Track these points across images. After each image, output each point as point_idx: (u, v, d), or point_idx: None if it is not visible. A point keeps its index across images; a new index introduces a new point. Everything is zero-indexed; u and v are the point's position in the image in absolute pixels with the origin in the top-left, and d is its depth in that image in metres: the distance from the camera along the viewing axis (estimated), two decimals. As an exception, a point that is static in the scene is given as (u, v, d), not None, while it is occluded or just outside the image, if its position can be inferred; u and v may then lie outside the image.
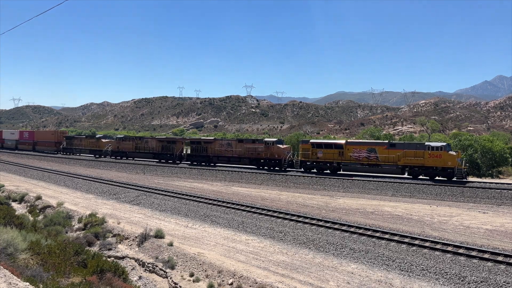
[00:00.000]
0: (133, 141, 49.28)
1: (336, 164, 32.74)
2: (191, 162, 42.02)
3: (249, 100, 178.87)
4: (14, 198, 26.70)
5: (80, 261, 11.55)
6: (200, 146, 41.69)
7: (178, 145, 44.34)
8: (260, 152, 37.06)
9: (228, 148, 39.50)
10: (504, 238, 15.90)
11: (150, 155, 46.43)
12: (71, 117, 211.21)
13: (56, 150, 63.32)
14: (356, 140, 42.21)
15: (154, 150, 46.01)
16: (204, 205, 23.21)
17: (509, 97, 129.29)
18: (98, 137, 56.65)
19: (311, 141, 35.58)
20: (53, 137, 65.63)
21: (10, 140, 77.14)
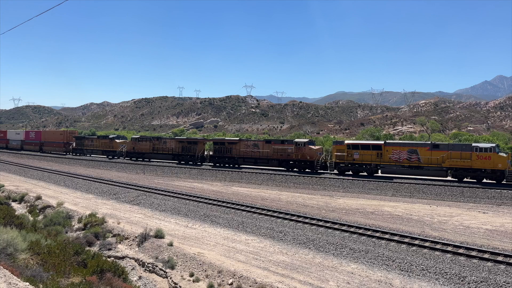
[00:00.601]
0: (150, 142, 47.41)
1: (374, 166, 31.49)
2: (214, 163, 40.52)
3: (249, 100, 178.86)
4: (14, 198, 26.69)
5: (80, 261, 11.55)
6: (223, 147, 40.13)
7: (199, 146, 42.98)
8: (290, 153, 35.68)
9: (255, 149, 38.08)
10: (504, 238, 15.90)
11: (169, 156, 44.85)
12: (71, 117, 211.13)
13: (65, 151, 61.38)
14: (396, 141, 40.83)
15: (173, 151, 44.49)
16: (204, 205, 23.21)
17: (509, 97, 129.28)
18: (112, 138, 54.86)
19: (347, 142, 34.09)
20: (62, 137, 63.49)
21: (15, 140, 75.29)
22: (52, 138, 65.98)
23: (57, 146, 63.35)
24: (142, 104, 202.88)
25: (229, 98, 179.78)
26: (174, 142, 45.37)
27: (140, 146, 48.07)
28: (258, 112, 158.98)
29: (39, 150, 67.03)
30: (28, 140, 71.32)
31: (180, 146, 44.07)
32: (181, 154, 43.76)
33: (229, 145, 39.77)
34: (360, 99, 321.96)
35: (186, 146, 43.66)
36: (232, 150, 39.22)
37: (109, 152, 52.44)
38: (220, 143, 40.92)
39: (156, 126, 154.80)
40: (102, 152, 53.73)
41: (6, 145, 77.18)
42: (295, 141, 36.29)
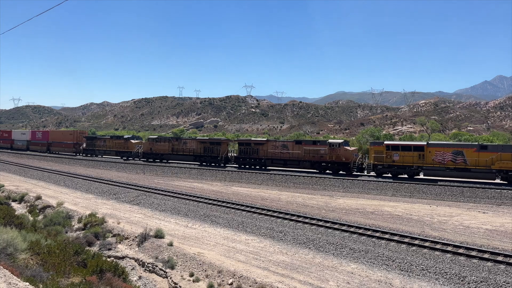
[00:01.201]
0: (169, 142, 45.47)
1: (415, 168, 29.90)
2: (239, 165, 38.95)
3: (249, 100, 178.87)
4: (14, 198, 26.69)
5: (80, 261, 11.55)
6: (249, 148, 38.44)
7: (223, 147, 41.29)
8: (323, 154, 33.94)
9: (284, 150, 36.34)
10: (504, 238, 15.90)
11: (190, 157, 42.98)
12: (71, 117, 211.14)
13: (75, 151, 59.41)
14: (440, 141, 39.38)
15: (195, 152, 42.79)
16: (204, 205, 23.21)
17: (509, 97, 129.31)
18: (127, 138, 52.44)
19: (386, 142, 32.22)
20: (71, 137, 61.17)
21: (21, 140, 73.17)
22: (61, 138, 63.83)
23: (66, 147, 61.27)
24: (142, 104, 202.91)
25: (229, 98, 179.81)
26: (195, 142, 43.63)
27: (158, 147, 46.13)
28: (258, 112, 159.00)
29: (46, 150, 64.99)
30: (35, 140, 69.40)
31: (202, 146, 42.42)
32: (203, 155, 42.07)
33: (255, 145, 38.15)
34: (360, 99, 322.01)
35: (208, 147, 41.93)
36: (259, 151, 37.58)
37: (123, 153, 50.57)
38: (245, 144, 39.38)
39: (156, 126, 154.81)
40: (116, 153, 51.81)
41: (11, 145, 75.58)
42: (329, 142, 34.52)
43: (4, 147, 76.49)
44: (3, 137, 79.58)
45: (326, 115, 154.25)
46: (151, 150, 46.70)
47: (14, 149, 72.89)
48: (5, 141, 78.01)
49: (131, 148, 49.72)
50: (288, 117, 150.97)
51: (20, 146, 72.63)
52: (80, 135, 61.47)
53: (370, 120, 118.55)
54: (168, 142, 45.56)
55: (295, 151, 35.60)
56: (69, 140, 61.00)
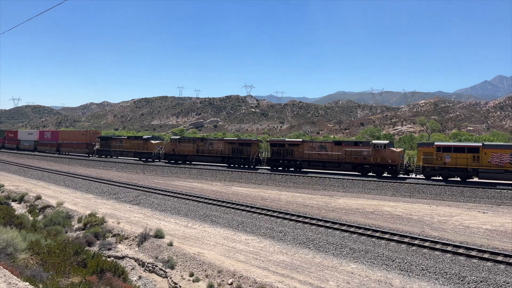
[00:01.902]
0: (193, 143, 42.97)
1: (470, 170, 28.11)
2: (272, 167, 36.85)
3: (249, 100, 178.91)
4: (13, 198, 26.69)
5: (80, 261, 11.54)
6: (283, 149, 36.36)
7: (253, 148, 39.07)
8: (366, 156, 31.96)
9: (322, 151, 34.40)
10: (504, 238, 15.90)
11: (217, 159, 40.67)
12: (70, 117, 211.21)
13: (88, 152, 56.64)
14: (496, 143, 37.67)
15: (222, 153, 40.37)
16: (204, 205, 23.20)
17: (509, 97, 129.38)
18: (146, 138, 49.46)
19: (437, 143, 30.36)
20: (83, 137, 58.40)
21: (28, 141, 70.63)
22: (72, 138, 61.26)
23: (78, 147, 58.63)
24: (142, 104, 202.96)
25: (229, 98, 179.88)
26: (222, 143, 41.15)
27: (181, 148, 43.71)
28: (258, 112, 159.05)
29: (56, 151, 62.63)
30: (43, 140, 67.06)
31: (230, 147, 40.11)
32: (231, 156, 39.76)
33: (290, 147, 36.12)
34: (360, 99, 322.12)
35: (237, 148, 39.75)
36: (294, 152, 35.62)
37: (142, 154, 47.97)
38: (279, 145, 37.20)
39: (156, 126, 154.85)
40: (134, 154, 49.01)
41: (17, 145, 73.30)
42: (373, 143, 32.42)
43: (10, 148, 74.75)
44: (9, 137, 77.87)
45: (326, 115, 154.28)
46: (174, 151, 44.32)
47: (20, 150, 70.75)
48: (11, 141, 76.29)
49: (151, 149, 47.16)
50: (288, 117, 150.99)
51: (27, 147, 70.39)
52: (94, 135, 58.83)
53: (370, 120, 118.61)
54: (192, 143, 43.27)
55: (334, 153, 33.68)
56: (81, 141, 58.45)
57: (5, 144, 77.76)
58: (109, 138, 55.55)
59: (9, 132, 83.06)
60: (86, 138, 57.88)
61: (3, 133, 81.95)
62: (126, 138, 52.56)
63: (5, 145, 77.70)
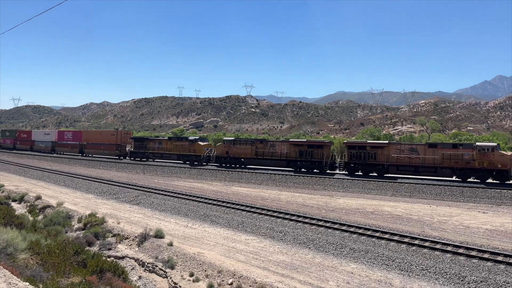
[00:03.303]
0: (252, 145, 38.98)
1: None
2: (350, 172, 33.23)
3: (249, 100, 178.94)
4: (13, 198, 26.68)
5: (80, 261, 11.54)
6: (364, 152, 32.75)
7: (326, 150, 35.21)
8: (468, 160, 28.59)
9: (412, 154, 30.89)
10: (504, 238, 15.90)
11: (281, 162, 36.81)
12: (70, 117, 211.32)
13: (118, 154, 52.15)
14: None
15: (287, 156, 36.57)
16: (204, 205, 23.21)
17: (509, 97, 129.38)
18: (193, 139, 44.61)
19: None
20: (113, 138, 53.56)
21: (44, 141, 66.35)
22: (99, 138, 56.43)
23: (106, 149, 53.79)
24: (142, 104, 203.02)
25: (229, 98, 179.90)
26: (287, 145, 37.25)
27: (237, 150, 39.84)
28: (258, 112, 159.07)
29: (79, 153, 58.42)
30: (63, 141, 62.49)
31: (297, 150, 36.22)
32: (299, 160, 35.83)
33: (372, 149, 32.59)
34: (360, 99, 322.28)
35: (306, 151, 35.74)
36: (378, 155, 32.16)
37: (188, 157, 43.54)
38: (359, 147, 33.39)
39: (156, 126, 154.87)
40: (178, 156, 44.53)
41: (31, 147, 69.09)
42: (477, 145, 28.82)
43: (22, 149, 70.68)
44: (21, 138, 73.53)
45: (326, 115, 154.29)
46: (228, 153, 40.39)
47: (35, 151, 66.56)
48: (24, 142, 72.06)
49: (199, 151, 42.74)
50: (288, 117, 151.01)
51: (43, 148, 65.88)
52: (125, 136, 54.37)
53: (370, 120, 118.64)
54: (250, 145, 39.22)
55: (428, 156, 30.24)
56: (110, 141, 53.65)
57: (17, 145, 73.85)
58: (145, 139, 51.17)
59: (21, 132, 78.47)
60: (117, 138, 53.19)
61: (15, 133, 77.81)
62: (166, 139, 48.32)
63: (17, 146, 73.74)
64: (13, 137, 76.45)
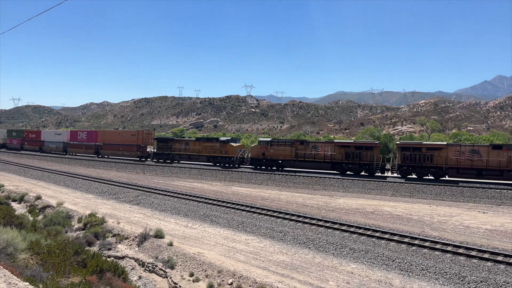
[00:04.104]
0: (291, 146, 36.62)
1: None
2: (404, 175, 31.07)
3: (249, 100, 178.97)
4: (13, 198, 26.69)
5: (80, 261, 11.54)
6: (419, 154, 30.64)
7: (376, 152, 33.11)
8: None
9: (474, 156, 28.99)
10: (504, 238, 15.90)
11: (325, 165, 34.59)
12: (70, 117, 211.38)
13: (140, 156, 49.35)
14: None
15: (333, 158, 34.27)
16: (204, 205, 23.21)
17: (509, 97, 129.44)
18: (225, 140, 41.82)
19: None
20: (133, 138, 50.63)
21: (55, 142, 63.46)
22: (117, 139, 53.40)
23: (126, 150, 50.93)
24: (142, 104, 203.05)
25: (229, 98, 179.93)
26: (331, 146, 34.86)
27: (274, 152, 37.43)
28: (258, 112, 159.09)
29: (94, 154, 55.40)
30: (76, 142, 59.54)
31: (343, 152, 33.99)
32: (345, 162, 33.76)
33: (429, 151, 30.50)
34: (360, 99, 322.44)
35: (352, 152, 33.59)
36: (434, 157, 30.12)
37: (219, 159, 40.90)
38: (413, 148, 31.17)
39: (156, 126, 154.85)
40: (208, 158, 41.97)
41: (40, 147, 66.27)
42: None
43: (31, 150, 67.90)
44: (30, 138, 70.53)
45: (326, 115, 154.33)
46: (264, 155, 38.07)
47: (44, 152, 64.10)
48: (32, 142, 69.15)
49: (232, 152, 40.35)
50: (288, 117, 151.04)
51: (54, 149, 63.31)
52: (147, 136, 51.58)
53: (370, 120, 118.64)
54: (290, 146, 36.87)
55: (492, 158, 28.55)
56: (131, 142, 50.60)
57: (25, 145, 70.82)
58: (169, 139, 48.52)
59: (29, 132, 74.79)
60: (138, 139, 50.18)
61: (22, 134, 74.51)
62: (194, 140, 45.57)
63: (25, 146, 70.75)
64: (20, 137, 73.76)
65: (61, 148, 62.07)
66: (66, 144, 61.54)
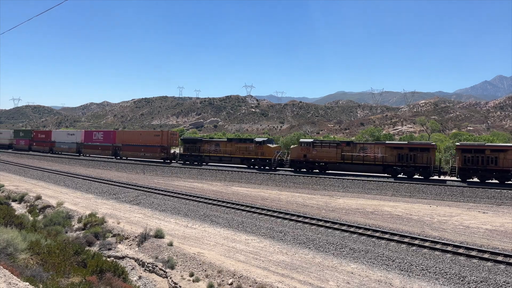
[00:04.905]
0: (336, 148, 34.25)
1: None
2: (465, 179, 29.00)
3: (249, 100, 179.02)
4: (13, 198, 26.69)
5: (80, 261, 11.55)
6: (483, 156, 28.56)
7: (432, 154, 30.80)
8: None
9: None
10: (504, 238, 15.90)
11: (377, 168, 32.26)
12: (70, 117, 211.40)
13: (165, 157, 46.91)
14: None
15: (384, 160, 32.03)
16: (204, 205, 23.21)
17: (509, 97, 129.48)
18: (261, 141, 38.98)
19: None
20: (157, 139, 47.73)
21: (67, 143, 60.93)
22: (138, 140, 50.48)
23: (148, 151, 48.39)
24: (142, 104, 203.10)
25: (229, 98, 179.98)
26: (382, 148, 32.55)
27: (317, 154, 35.25)
28: (258, 112, 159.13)
29: (112, 155, 52.69)
30: (91, 142, 56.67)
31: (395, 153, 31.72)
32: (398, 165, 31.43)
33: (492, 153, 28.39)
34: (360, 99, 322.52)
35: (407, 154, 31.28)
36: (499, 160, 28.13)
37: (255, 161, 38.61)
38: (475, 150, 29.04)
39: (156, 126, 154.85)
40: (242, 160, 39.63)
41: (51, 148, 63.88)
42: None
43: (40, 151, 65.55)
44: (39, 139, 67.95)
45: (326, 115, 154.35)
46: (305, 157, 35.78)
47: (55, 153, 62.23)
48: (41, 143, 66.69)
49: (269, 154, 37.76)
50: (288, 117, 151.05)
51: (66, 150, 60.85)
52: (172, 137, 49.11)
53: (370, 120, 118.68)
54: (335, 148, 34.48)
55: None
56: (154, 143, 47.97)
57: (33, 146, 68.36)
58: (198, 140, 45.13)
59: (38, 132, 71.65)
60: (162, 140, 47.43)
61: (30, 134, 71.56)
62: (225, 141, 42.63)
63: (33, 147, 68.22)
64: (28, 137, 71.03)
65: (74, 149, 59.39)
66: (79, 144, 58.80)
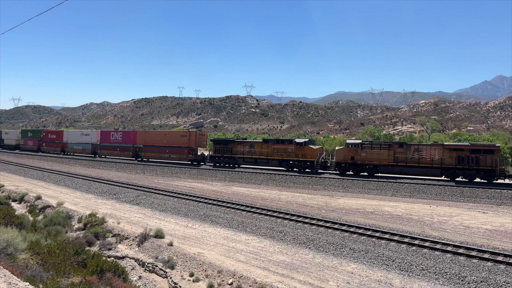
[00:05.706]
0: (388, 149, 31.92)
1: None
2: None
3: (249, 100, 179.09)
4: (14, 198, 26.69)
5: (80, 261, 11.54)
6: None
7: (496, 156, 28.50)
8: None
9: None
10: (504, 238, 15.91)
11: (434, 171, 30.01)
12: (71, 117, 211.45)
13: (192, 159, 44.41)
14: None
15: (442, 162, 29.71)
16: (204, 205, 23.20)
17: (509, 97, 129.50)
18: (302, 142, 36.39)
19: None
20: (184, 140, 45.14)
21: (81, 143, 58.23)
22: (161, 141, 47.62)
23: (174, 153, 45.68)
24: (142, 104, 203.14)
25: (229, 98, 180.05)
26: (439, 149, 30.22)
27: (366, 156, 32.99)
28: (258, 112, 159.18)
29: (133, 156, 50.20)
30: (108, 143, 53.88)
31: (454, 155, 29.40)
32: (458, 168, 29.22)
33: None
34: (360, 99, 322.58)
35: (467, 156, 28.96)
36: None
37: (296, 163, 36.20)
38: None
39: (156, 126, 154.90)
40: (280, 162, 37.07)
41: (62, 149, 61.60)
42: None
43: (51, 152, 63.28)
44: (49, 139, 65.63)
45: (326, 115, 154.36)
46: (353, 159, 33.43)
47: (67, 153, 60.29)
48: (52, 144, 64.48)
49: (311, 156, 35.33)
50: (288, 117, 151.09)
51: (80, 151, 58.17)
52: (200, 137, 46.76)
53: (370, 120, 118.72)
54: (387, 149, 32.10)
55: None
56: (180, 144, 45.32)
57: (43, 147, 66.19)
58: (230, 141, 42.13)
59: (49, 132, 68.63)
60: (189, 141, 44.85)
61: (40, 134, 68.98)
62: (261, 142, 39.89)
63: (43, 148, 66.07)
64: (37, 138, 68.63)
65: (89, 150, 56.50)
66: (95, 145, 55.93)
